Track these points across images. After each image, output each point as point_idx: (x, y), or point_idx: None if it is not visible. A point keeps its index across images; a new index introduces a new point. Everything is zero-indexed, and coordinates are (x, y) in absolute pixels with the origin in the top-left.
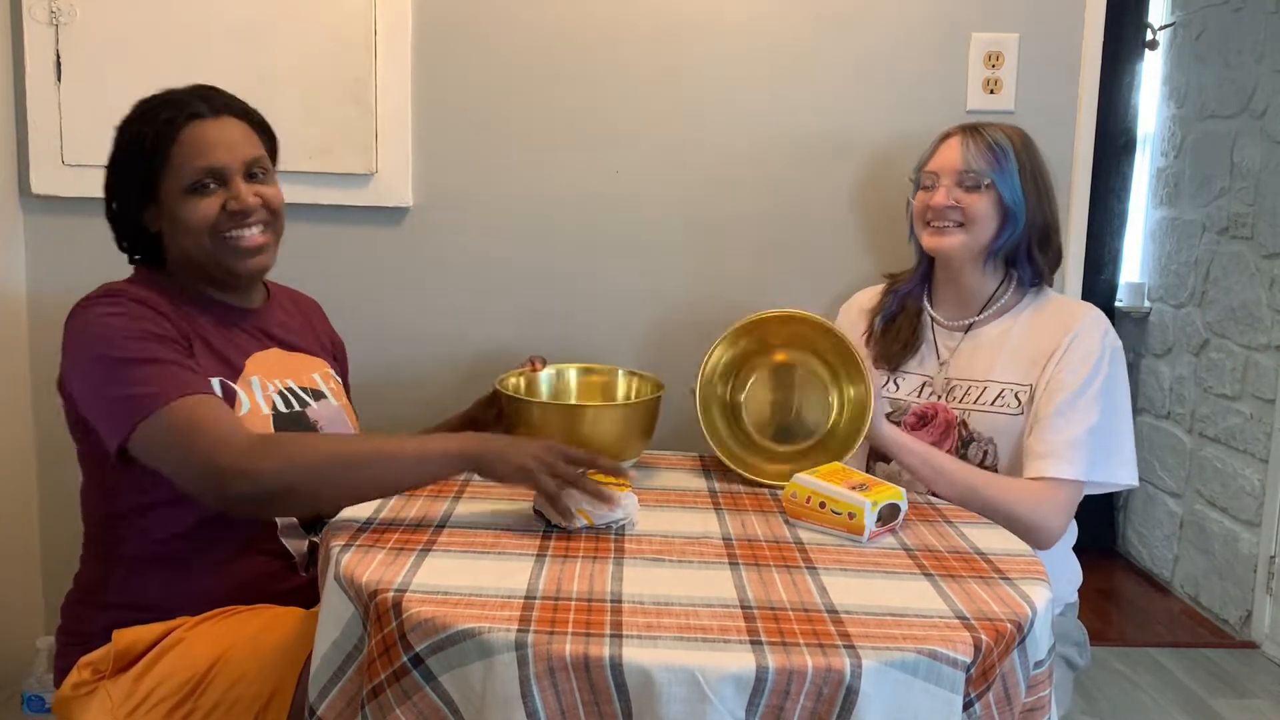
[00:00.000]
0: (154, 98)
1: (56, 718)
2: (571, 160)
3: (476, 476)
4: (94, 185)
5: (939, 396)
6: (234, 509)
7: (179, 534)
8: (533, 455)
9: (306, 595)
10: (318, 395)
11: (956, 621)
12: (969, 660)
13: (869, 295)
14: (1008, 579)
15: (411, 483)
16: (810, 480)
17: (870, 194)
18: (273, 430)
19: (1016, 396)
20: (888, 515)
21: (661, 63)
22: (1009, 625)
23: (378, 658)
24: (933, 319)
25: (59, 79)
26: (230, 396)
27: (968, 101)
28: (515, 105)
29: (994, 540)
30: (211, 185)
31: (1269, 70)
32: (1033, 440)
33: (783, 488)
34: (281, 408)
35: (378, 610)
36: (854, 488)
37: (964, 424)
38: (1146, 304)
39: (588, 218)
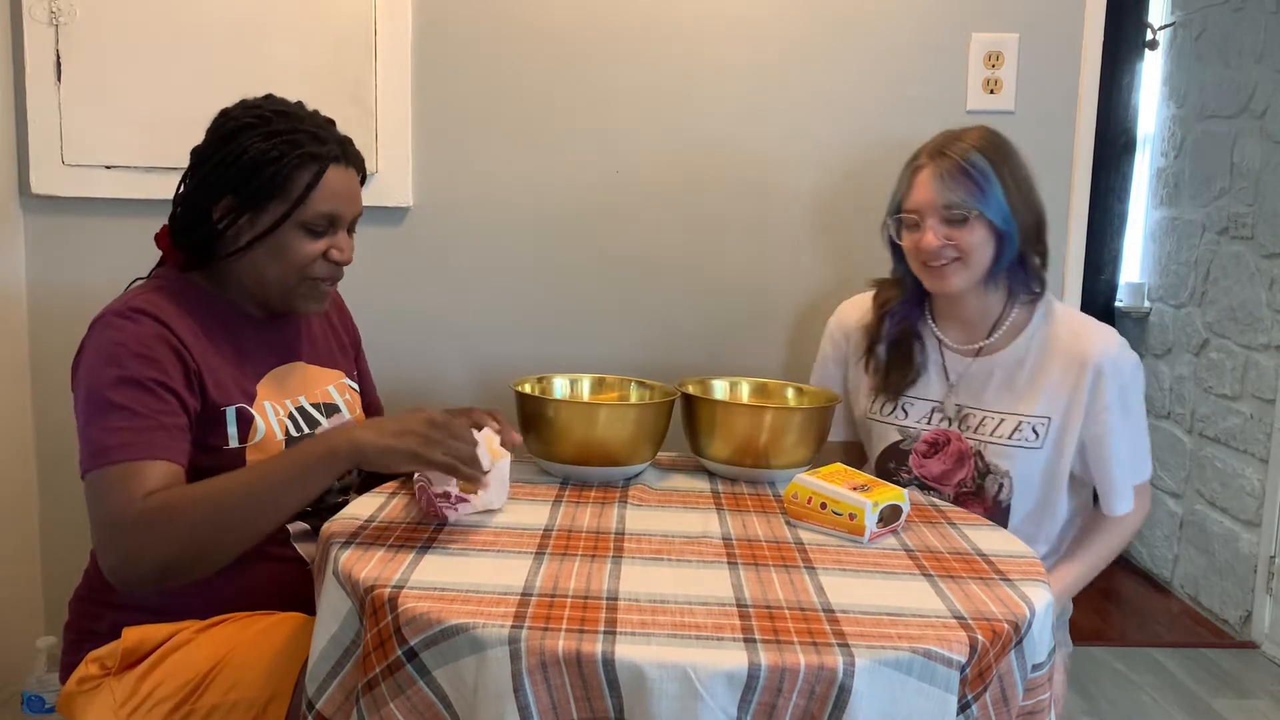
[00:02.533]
0: (290, 119)
1: (60, 714)
2: (571, 160)
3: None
4: (94, 185)
5: (951, 423)
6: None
7: None
8: (422, 439)
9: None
10: (331, 410)
11: (953, 621)
12: (964, 660)
13: (859, 310)
14: (1008, 580)
15: (299, 501)
16: (811, 481)
17: (870, 194)
18: None
19: (1035, 430)
20: (889, 516)
21: (661, 63)
22: (1006, 626)
23: (373, 651)
24: (940, 341)
25: (59, 79)
26: (247, 422)
27: (968, 101)
28: (515, 106)
29: (995, 541)
30: (323, 229)
31: (1269, 70)
32: (1108, 476)
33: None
34: (293, 432)
35: (374, 604)
36: (855, 489)
37: (979, 455)
38: (1146, 304)
39: (588, 218)
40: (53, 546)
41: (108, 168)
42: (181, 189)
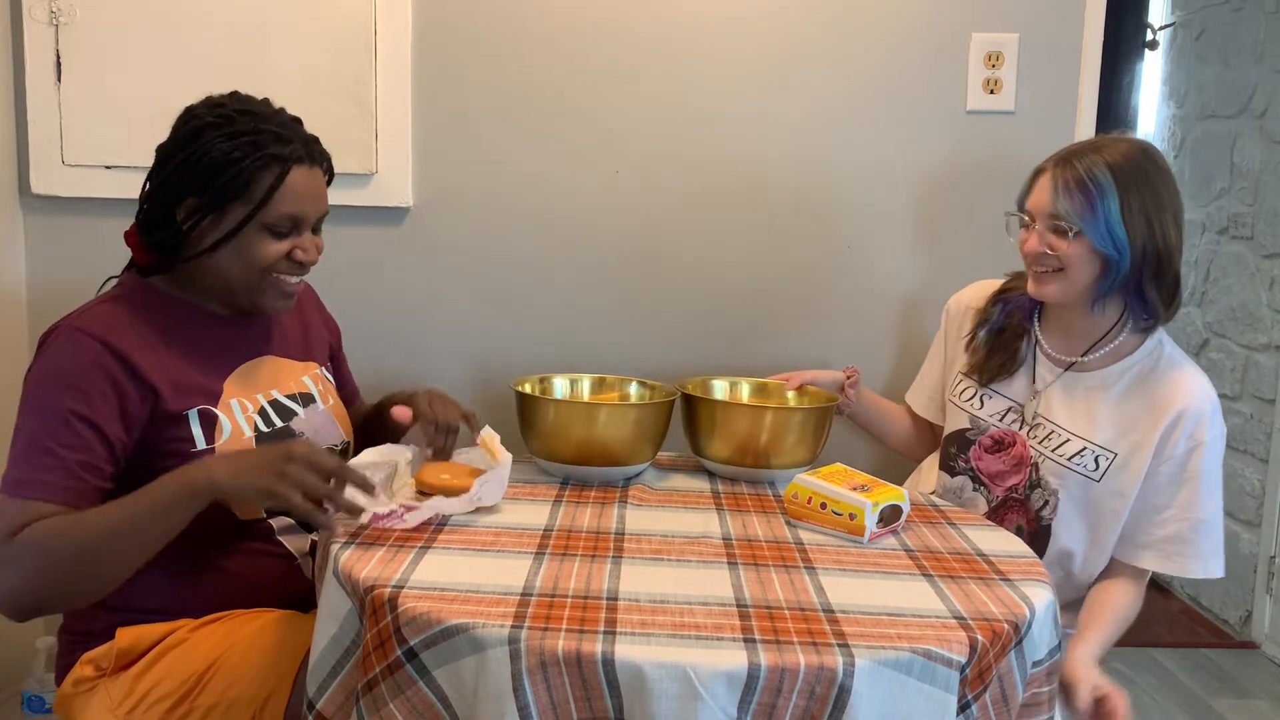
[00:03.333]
0: (254, 118)
1: (58, 715)
2: (571, 160)
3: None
4: (94, 185)
5: (1023, 426)
6: None
7: (177, 538)
8: (276, 474)
9: (311, 599)
10: (307, 400)
11: (953, 621)
12: (964, 660)
13: (979, 293)
14: (1007, 580)
15: (160, 538)
16: (812, 481)
17: (870, 193)
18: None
19: (1097, 460)
20: (889, 516)
21: (661, 63)
22: (1006, 626)
23: (373, 651)
24: (1038, 342)
25: (59, 79)
26: (211, 422)
27: (968, 101)
28: (515, 105)
29: (995, 541)
30: (286, 230)
31: (1269, 70)
32: (1134, 529)
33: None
34: (263, 427)
35: (374, 604)
36: (855, 489)
37: (1036, 466)
38: None
39: (587, 218)
40: None
41: (108, 168)
42: (147, 187)
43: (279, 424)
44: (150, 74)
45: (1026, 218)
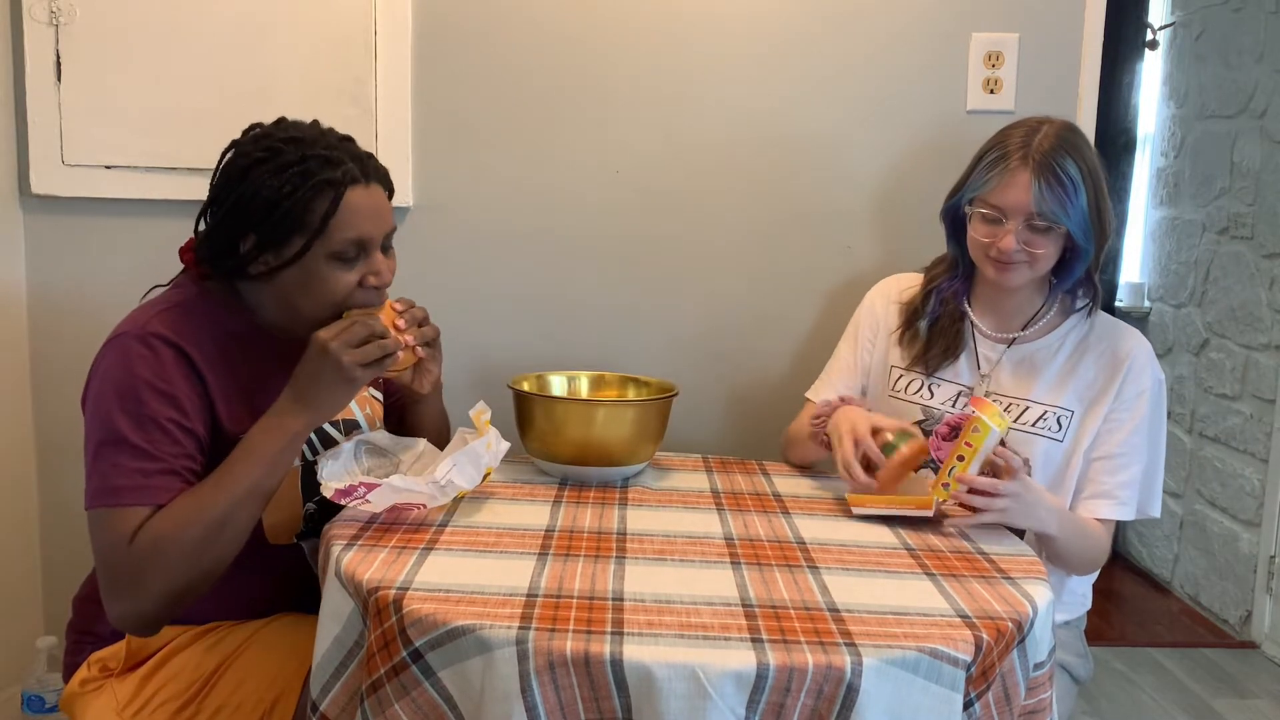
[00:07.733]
0: (299, 145)
1: (63, 713)
2: (571, 160)
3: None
4: (94, 185)
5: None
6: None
7: None
8: (346, 379)
9: None
10: (350, 426)
11: (958, 620)
12: (969, 659)
13: (903, 286)
14: (1009, 578)
15: (274, 490)
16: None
17: (870, 193)
18: (299, 482)
19: (1058, 420)
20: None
21: (661, 62)
22: (1010, 624)
23: (377, 653)
24: (974, 325)
25: (59, 79)
26: None
27: (968, 101)
28: (515, 105)
29: (995, 540)
30: (353, 255)
31: (1269, 70)
32: (1088, 479)
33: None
34: (309, 455)
35: (378, 605)
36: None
37: (1000, 441)
38: (1146, 304)
39: (588, 218)
40: (53, 546)
41: (108, 168)
42: (202, 225)
43: (322, 451)
44: (150, 74)
45: (991, 212)
